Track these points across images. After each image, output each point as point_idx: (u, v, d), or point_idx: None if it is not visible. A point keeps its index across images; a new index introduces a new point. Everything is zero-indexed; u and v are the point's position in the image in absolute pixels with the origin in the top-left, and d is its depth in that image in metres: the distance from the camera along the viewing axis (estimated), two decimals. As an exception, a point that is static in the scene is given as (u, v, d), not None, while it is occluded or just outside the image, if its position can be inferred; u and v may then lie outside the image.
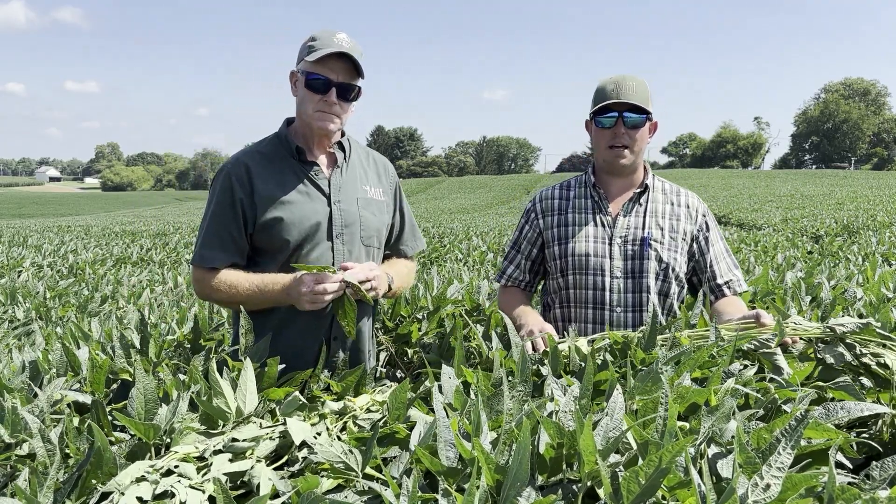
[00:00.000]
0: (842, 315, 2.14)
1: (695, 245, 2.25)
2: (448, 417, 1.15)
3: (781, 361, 1.50)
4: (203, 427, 1.35)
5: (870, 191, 28.95)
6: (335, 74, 1.99)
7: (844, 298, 2.59)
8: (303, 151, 2.11)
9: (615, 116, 2.14)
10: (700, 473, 0.97)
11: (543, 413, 1.20)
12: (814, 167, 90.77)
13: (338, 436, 1.30)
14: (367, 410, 1.43)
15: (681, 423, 1.19)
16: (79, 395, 1.56)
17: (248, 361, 1.47)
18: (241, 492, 1.16)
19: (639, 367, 1.50)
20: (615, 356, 1.61)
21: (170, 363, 1.89)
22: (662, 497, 0.98)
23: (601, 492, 1.00)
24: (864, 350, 1.54)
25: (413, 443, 1.17)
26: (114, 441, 1.33)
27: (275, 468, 1.20)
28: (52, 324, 4.50)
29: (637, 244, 2.19)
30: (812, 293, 2.78)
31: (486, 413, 1.23)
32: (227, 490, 1.04)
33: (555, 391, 1.33)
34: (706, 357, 1.43)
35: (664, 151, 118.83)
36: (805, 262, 5.32)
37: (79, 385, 1.69)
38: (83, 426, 1.33)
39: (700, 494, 0.93)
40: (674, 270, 2.19)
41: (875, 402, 1.43)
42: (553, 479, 1.08)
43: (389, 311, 2.73)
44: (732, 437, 1.11)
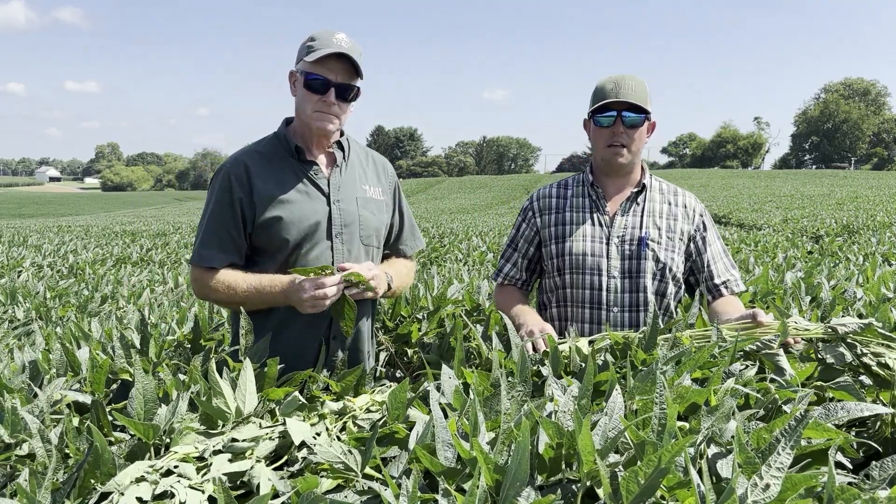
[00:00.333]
0: (842, 315, 2.14)
1: (692, 245, 2.25)
2: (447, 418, 1.15)
3: (784, 362, 1.49)
4: (203, 427, 1.35)
5: (870, 191, 28.93)
6: (334, 75, 1.99)
7: (844, 298, 2.59)
8: (302, 151, 2.11)
9: (614, 115, 2.14)
10: (699, 473, 0.97)
11: (543, 413, 1.20)
12: (814, 167, 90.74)
13: (337, 436, 1.30)
14: (367, 410, 1.43)
15: (680, 424, 1.19)
16: (79, 396, 1.55)
17: (248, 361, 1.47)
18: (241, 492, 1.16)
19: (639, 368, 1.50)
20: (616, 356, 1.61)
21: (170, 363, 1.89)
22: (662, 497, 0.98)
23: (600, 492, 1.00)
24: (865, 350, 1.54)
25: (412, 443, 1.17)
26: (113, 441, 1.33)
27: (274, 468, 1.20)
28: (52, 324, 4.50)
29: (634, 244, 2.19)
30: (812, 293, 2.78)
31: (485, 413, 1.23)
32: (228, 490, 1.04)
33: (555, 392, 1.33)
34: (706, 357, 1.43)
35: (664, 151, 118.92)
36: (805, 263, 5.32)
37: (79, 385, 1.69)
38: (83, 426, 1.33)
39: (699, 494, 0.93)
40: (671, 270, 2.19)
41: (875, 402, 1.43)
42: (552, 479, 1.08)
43: (389, 311, 2.73)
44: (732, 437, 1.11)
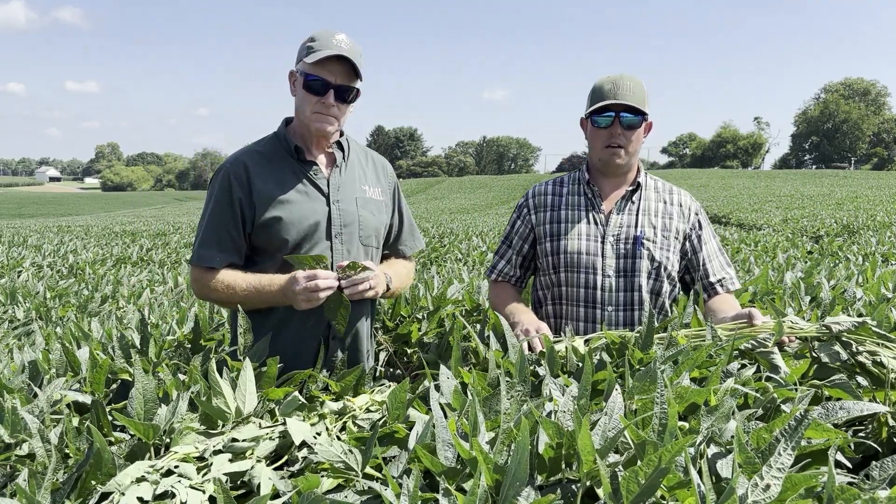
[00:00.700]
0: (841, 315, 2.14)
1: (687, 243, 2.25)
2: (447, 417, 1.15)
3: (779, 360, 1.50)
4: (203, 427, 1.35)
5: (870, 191, 28.93)
6: (333, 76, 1.99)
7: (844, 298, 2.58)
8: (301, 151, 2.11)
9: (612, 116, 2.14)
10: (700, 473, 0.97)
11: (542, 413, 1.20)
12: (814, 167, 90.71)
13: (337, 436, 1.31)
14: (367, 410, 1.43)
15: (680, 423, 1.19)
16: (78, 396, 1.55)
17: (248, 361, 1.47)
18: (242, 492, 1.16)
19: (637, 367, 1.50)
20: (612, 356, 1.61)
21: (170, 363, 1.89)
22: (662, 497, 0.98)
23: (600, 492, 1.00)
24: (861, 348, 1.54)
25: (412, 443, 1.17)
26: (113, 441, 1.33)
27: (275, 468, 1.20)
28: (52, 324, 4.50)
29: (630, 243, 2.19)
30: (811, 293, 2.78)
31: (484, 413, 1.23)
32: (228, 490, 1.04)
33: (553, 391, 1.33)
34: (704, 357, 1.43)
35: (664, 151, 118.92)
36: (805, 263, 5.32)
37: (78, 385, 1.69)
38: (83, 426, 1.33)
39: (700, 494, 0.93)
40: (666, 269, 2.19)
41: (870, 400, 1.44)
42: (552, 479, 1.08)
43: (389, 311, 2.73)
44: (732, 437, 1.11)
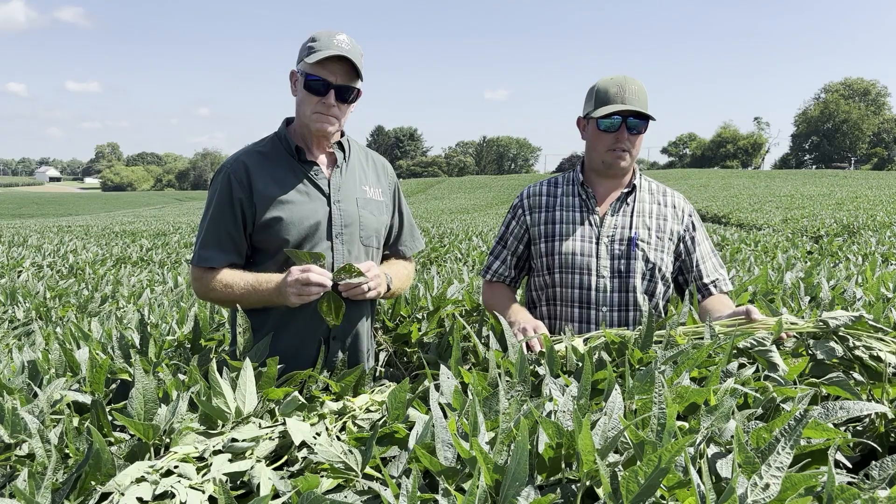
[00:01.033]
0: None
1: (681, 245, 2.26)
2: (447, 417, 1.15)
3: (777, 358, 1.50)
4: (203, 427, 1.35)
5: (870, 191, 28.91)
6: (334, 77, 1.99)
7: (844, 298, 2.59)
8: (302, 151, 2.11)
9: (619, 121, 2.14)
10: (699, 473, 0.97)
11: (542, 413, 1.20)
12: (814, 167, 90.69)
13: (337, 436, 1.31)
14: (367, 410, 1.43)
15: (680, 423, 1.19)
16: (78, 396, 1.55)
17: (248, 361, 1.47)
18: (242, 492, 1.16)
19: (636, 367, 1.50)
20: (611, 355, 1.61)
21: (170, 363, 1.89)
22: (662, 497, 0.98)
23: (600, 491, 1.00)
24: (857, 343, 1.55)
25: (412, 443, 1.17)
26: (113, 441, 1.33)
27: (275, 468, 1.20)
28: (52, 324, 4.50)
29: (624, 244, 2.20)
30: (811, 293, 2.78)
31: (484, 413, 1.23)
32: (228, 490, 1.04)
33: (553, 391, 1.33)
34: (704, 356, 1.43)
35: (664, 151, 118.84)
36: (805, 263, 5.32)
37: (78, 385, 1.69)
38: (83, 426, 1.33)
39: (699, 494, 0.93)
40: (660, 270, 2.20)
41: (867, 396, 1.44)
42: (552, 479, 1.08)
43: (389, 311, 2.73)
44: (732, 437, 1.11)
